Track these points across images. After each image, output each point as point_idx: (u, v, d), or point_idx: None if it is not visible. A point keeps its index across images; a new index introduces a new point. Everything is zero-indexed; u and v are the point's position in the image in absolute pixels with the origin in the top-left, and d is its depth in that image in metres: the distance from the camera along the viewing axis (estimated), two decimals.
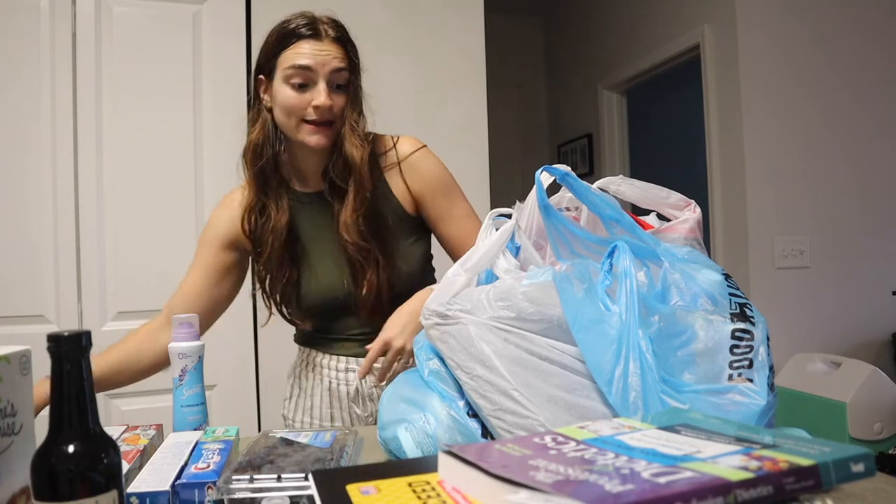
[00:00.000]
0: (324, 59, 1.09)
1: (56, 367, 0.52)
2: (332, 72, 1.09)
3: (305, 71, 1.08)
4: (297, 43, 1.10)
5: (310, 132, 1.11)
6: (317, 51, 1.09)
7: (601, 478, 0.46)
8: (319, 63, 1.09)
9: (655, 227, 0.90)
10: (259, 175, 1.16)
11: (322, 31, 1.11)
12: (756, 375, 0.68)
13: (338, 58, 1.10)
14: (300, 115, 1.10)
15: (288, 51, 1.11)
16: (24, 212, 1.96)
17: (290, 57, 1.10)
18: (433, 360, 0.81)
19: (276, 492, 0.64)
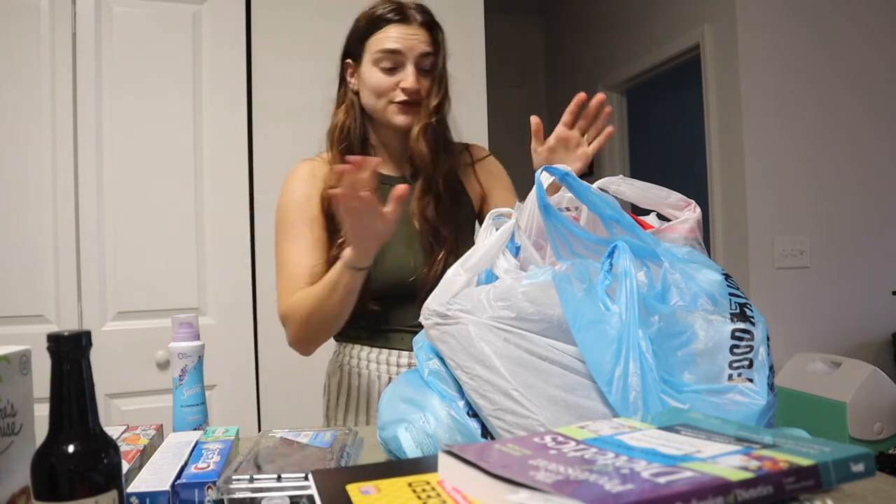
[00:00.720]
0: (412, 43, 1.15)
1: (56, 366, 0.52)
2: (419, 55, 1.15)
3: (394, 55, 1.14)
4: (387, 27, 1.15)
5: (397, 112, 1.16)
6: (405, 35, 1.15)
7: (601, 478, 0.46)
8: (408, 47, 1.14)
9: (655, 227, 0.90)
10: (344, 155, 1.17)
11: (410, 16, 1.16)
12: (756, 375, 0.68)
13: (425, 42, 1.16)
14: (389, 96, 1.16)
15: (377, 35, 1.16)
16: (24, 212, 1.96)
17: (380, 41, 1.15)
18: (433, 360, 0.81)
19: (276, 492, 0.64)
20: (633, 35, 3.35)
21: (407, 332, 1.21)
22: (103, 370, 1.55)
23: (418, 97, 1.15)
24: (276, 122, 2.18)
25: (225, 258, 2.11)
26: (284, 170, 2.17)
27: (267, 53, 2.17)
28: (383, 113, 1.17)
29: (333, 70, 2.28)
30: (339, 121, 1.21)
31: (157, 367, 2.02)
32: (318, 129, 2.22)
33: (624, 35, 3.44)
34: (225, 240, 2.11)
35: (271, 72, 2.17)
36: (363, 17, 1.19)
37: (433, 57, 1.17)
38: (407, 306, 1.19)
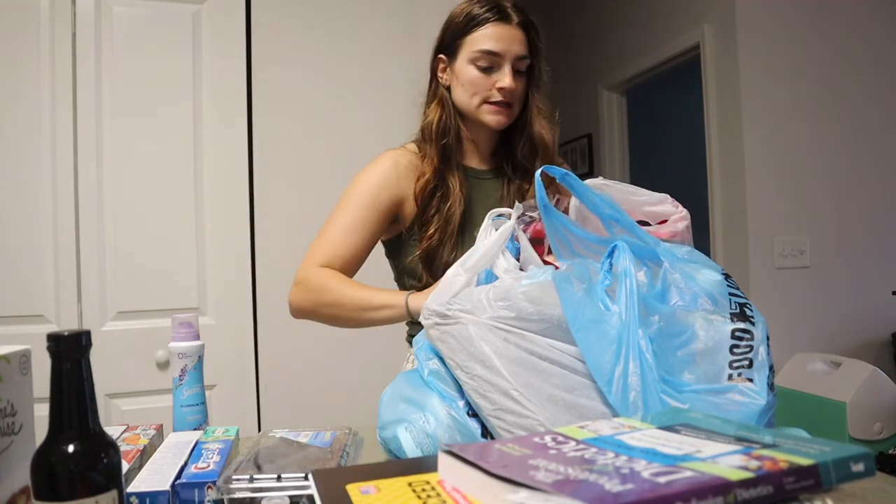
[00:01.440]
0: (510, 44, 1.15)
1: (56, 366, 0.52)
2: (517, 57, 1.15)
3: (492, 55, 1.14)
4: (486, 26, 1.15)
5: (491, 112, 1.17)
6: (504, 34, 1.14)
7: (601, 477, 0.46)
8: (506, 47, 1.14)
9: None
10: (443, 152, 1.19)
11: (509, 15, 1.16)
12: (756, 375, 0.68)
13: (523, 43, 1.16)
14: (484, 95, 1.16)
15: (475, 33, 1.16)
16: (23, 212, 1.96)
17: (478, 39, 1.15)
18: (433, 361, 0.81)
19: (275, 491, 0.64)
20: (633, 35, 3.35)
21: None
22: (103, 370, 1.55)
23: (512, 98, 1.16)
24: (276, 122, 2.18)
25: (225, 258, 2.11)
26: (284, 169, 2.18)
27: (267, 53, 2.17)
28: (476, 111, 1.18)
29: (333, 68, 2.29)
30: (435, 117, 1.21)
31: (157, 366, 2.02)
32: (319, 128, 2.23)
33: (624, 35, 3.44)
34: (225, 240, 2.11)
35: (271, 71, 2.17)
36: (460, 14, 1.18)
37: (529, 59, 1.17)
38: None
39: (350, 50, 2.26)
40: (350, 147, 2.23)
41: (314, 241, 1.20)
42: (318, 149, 2.22)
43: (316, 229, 1.19)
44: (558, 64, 4.21)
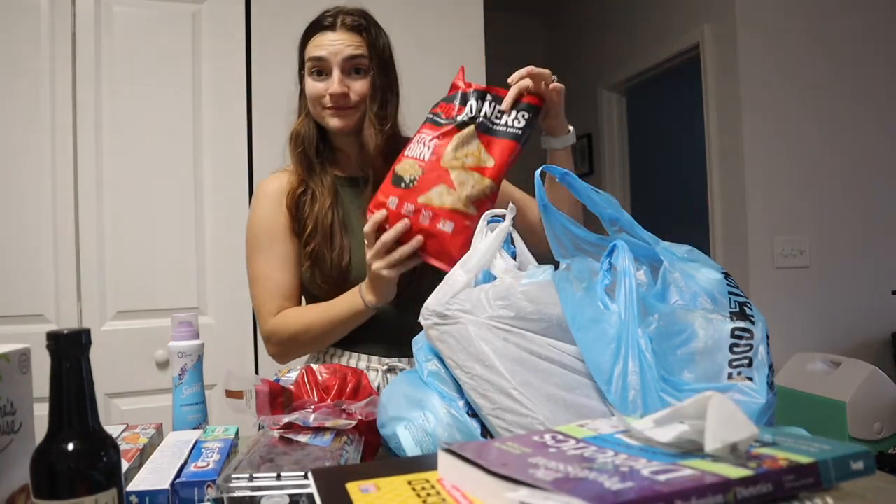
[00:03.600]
0: (336, 49, 1.16)
1: (55, 365, 0.52)
2: (344, 59, 1.16)
3: (320, 61, 1.16)
4: (315, 35, 1.18)
5: (330, 115, 1.18)
6: (330, 41, 1.16)
7: (601, 475, 0.46)
8: (332, 52, 1.16)
9: None
10: (302, 158, 1.23)
11: (338, 22, 1.17)
12: (756, 374, 0.67)
13: (351, 45, 1.16)
14: (321, 102, 1.18)
15: (309, 44, 1.19)
16: (23, 211, 1.96)
17: (310, 49, 1.18)
18: (432, 362, 0.81)
19: (275, 490, 0.64)
20: (633, 35, 3.35)
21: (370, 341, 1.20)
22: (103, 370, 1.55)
23: (345, 101, 1.16)
24: (276, 122, 2.17)
25: (225, 258, 2.11)
26: None
27: (266, 53, 2.17)
28: (321, 119, 1.20)
29: None
30: (295, 129, 1.25)
31: (157, 366, 2.02)
32: None
33: (624, 35, 3.44)
34: (225, 239, 2.11)
35: (271, 71, 2.17)
36: (303, 31, 1.22)
37: (365, 59, 1.17)
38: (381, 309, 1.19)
39: None
40: None
41: (254, 296, 1.23)
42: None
43: None
44: (558, 64, 4.22)
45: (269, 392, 0.84)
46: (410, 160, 1.04)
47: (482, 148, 1.01)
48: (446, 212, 0.99)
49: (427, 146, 1.04)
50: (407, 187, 1.02)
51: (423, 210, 1.00)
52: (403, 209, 1.02)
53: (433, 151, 1.02)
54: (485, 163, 1.00)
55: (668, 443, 0.51)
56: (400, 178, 1.04)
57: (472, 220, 0.97)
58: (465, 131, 1.02)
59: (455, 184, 0.99)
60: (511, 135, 1.02)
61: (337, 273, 1.18)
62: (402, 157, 1.06)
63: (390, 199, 1.04)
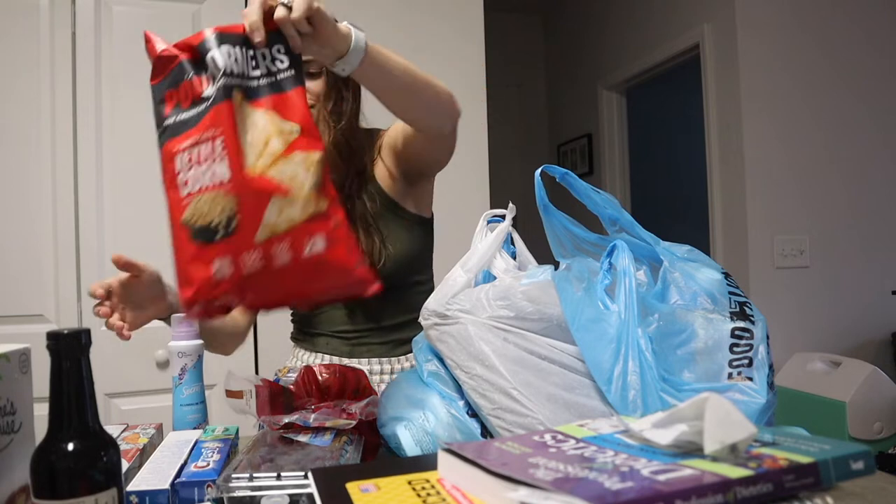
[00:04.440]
0: None
1: (56, 365, 0.52)
2: None
3: None
4: None
5: None
6: None
7: (601, 475, 0.46)
8: None
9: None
10: None
11: None
12: (756, 374, 0.68)
13: None
14: None
15: None
16: (24, 211, 1.96)
17: None
18: (431, 362, 0.81)
19: (275, 490, 0.64)
20: (633, 35, 3.35)
21: (331, 337, 1.21)
22: (103, 369, 1.55)
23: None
24: None
25: None
26: None
27: None
28: None
29: None
30: None
31: (157, 366, 2.02)
32: None
33: (624, 35, 3.44)
34: None
35: None
36: None
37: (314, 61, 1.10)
38: (330, 310, 1.20)
39: None
40: None
41: None
42: None
43: None
44: (558, 64, 4.22)
45: (269, 392, 0.84)
46: (203, 195, 0.70)
47: (272, 116, 0.72)
48: (304, 227, 0.69)
49: (209, 162, 0.71)
50: (228, 235, 0.68)
51: (273, 248, 0.68)
52: (247, 268, 0.68)
53: (227, 164, 0.70)
54: (291, 133, 0.71)
55: (667, 444, 0.51)
56: (205, 228, 0.69)
57: (334, 217, 0.70)
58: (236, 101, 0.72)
59: (285, 185, 0.69)
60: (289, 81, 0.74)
61: None
62: (180, 201, 0.73)
63: (215, 267, 0.68)
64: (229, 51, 0.76)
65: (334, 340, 1.20)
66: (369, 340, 1.19)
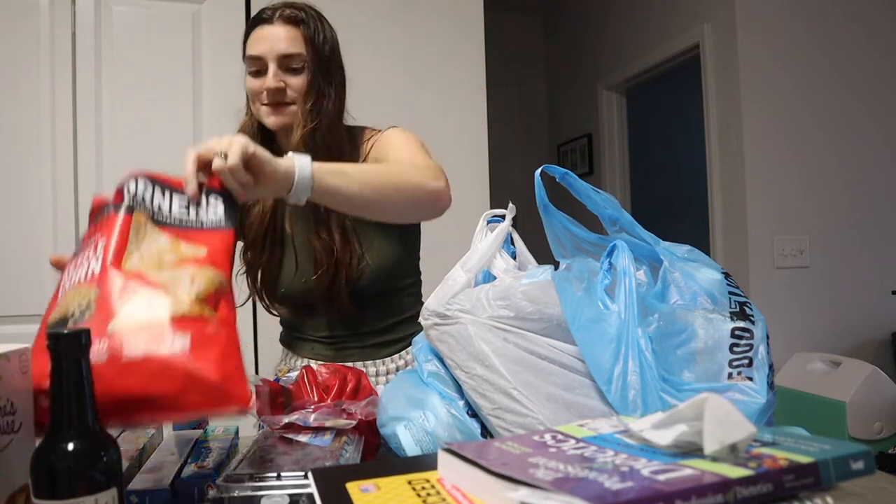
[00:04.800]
0: (271, 44, 1.09)
1: (55, 364, 0.52)
2: (280, 55, 1.09)
3: (256, 58, 1.11)
4: (253, 30, 1.13)
5: (267, 113, 1.12)
6: (265, 36, 1.10)
7: (601, 475, 0.46)
8: (267, 48, 1.10)
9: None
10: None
11: (276, 15, 1.11)
12: (756, 374, 0.68)
13: (286, 40, 1.10)
14: (259, 99, 1.12)
15: (248, 39, 1.14)
16: (24, 211, 1.96)
17: (248, 45, 1.14)
18: (431, 362, 0.81)
19: (275, 490, 0.64)
20: (633, 35, 3.35)
21: (317, 342, 1.20)
22: None
23: (282, 97, 1.10)
24: None
25: None
26: None
27: None
28: (259, 116, 1.14)
29: None
30: (241, 128, 1.21)
31: None
32: None
33: (624, 35, 3.44)
34: None
35: None
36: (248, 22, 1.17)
37: (298, 56, 1.10)
38: (310, 315, 1.19)
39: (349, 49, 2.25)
40: None
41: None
42: None
43: None
44: (558, 64, 4.22)
45: (269, 392, 0.84)
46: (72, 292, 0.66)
47: (178, 241, 0.71)
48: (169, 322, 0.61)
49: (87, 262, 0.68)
50: (79, 322, 0.62)
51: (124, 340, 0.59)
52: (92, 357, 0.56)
53: (101, 260, 0.67)
54: (194, 254, 0.69)
55: (667, 445, 0.51)
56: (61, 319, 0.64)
57: (213, 324, 0.63)
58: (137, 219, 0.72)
59: (160, 283, 0.64)
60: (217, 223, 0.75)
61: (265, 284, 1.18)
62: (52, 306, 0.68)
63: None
64: (146, 183, 0.76)
65: (318, 345, 1.20)
66: (352, 344, 1.18)
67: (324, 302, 1.12)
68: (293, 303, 1.20)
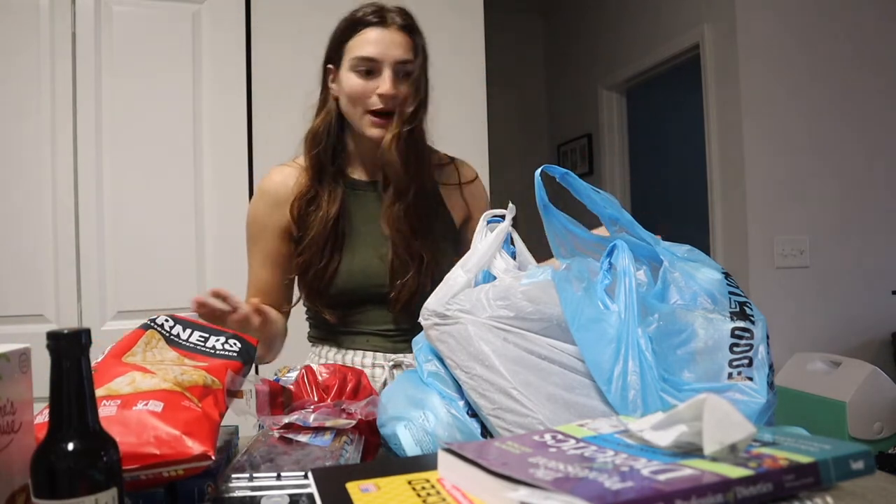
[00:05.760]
0: (389, 49, 1.11)
1: (56, 365, 0.52)
2: (396, 61, 1.11)
3: (370, 60, 1.11)
4: (364, 31, 1.13)
5: (371, 125, 1.13)
6: (382, 40, 1.11)
7: (601, 475, 0.46)
8: (384, 52, 1.11)
9: None
10: (315, 162, 1.18)
11: (389, 19, 1.13)
12: (756, 374, 0.67)
13: (403, 47, 1.12)
14: (365, 104, 1.13)
15: (355, 39, 1.13)
16: (23, 211, 1.96)
17: (357, 46, 1.12)
18: (431, 363, 0.81)
19: (275, 490, 0.64)
20: (633, 35, 3.35)
21: (374, 335, 1.21)
22: None
23: (393, 104, 1.12)
24: (276, 122, 2.18)
25: (225, 257, 2.11)
26: None
27: (266, 53, 2.17)
28: (359, 122, 1.14)
29: None
30: (314, 127, 1.19)
31: None
32: None
33: (624, 35, 3.44)
34: (225, 239, 2.11)
35: (271, 71, 2.17)
36: (343, 21, 1.16)
37: (411, 63, 1.13)
38: (376, 310, 1.20)
39: None
40: None
41: None
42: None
43: None
44: (558, 64, 4.22)
45: (269, 392, 0.84)
46: None
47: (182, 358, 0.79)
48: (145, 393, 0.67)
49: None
50: None
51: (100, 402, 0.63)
52: None
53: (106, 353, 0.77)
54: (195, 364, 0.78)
55: (667, 446, 0.51)
56: None
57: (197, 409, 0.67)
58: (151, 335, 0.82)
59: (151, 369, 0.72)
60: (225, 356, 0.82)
61: (318, 285, 1.18)
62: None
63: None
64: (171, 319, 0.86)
65: (375, 338, 1.21)
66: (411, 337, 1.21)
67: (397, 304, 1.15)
68: (348, 302, 1.20)
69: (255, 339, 0.88)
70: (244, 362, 0.83)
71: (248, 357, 0.84)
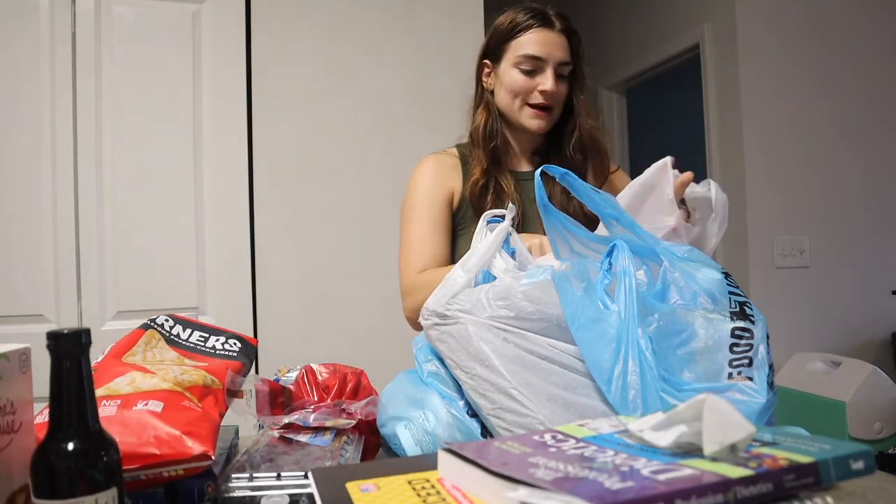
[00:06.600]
0: (553, 49, 1.21)
1: (56, 364, 0.52)
2: (559, 62, 1.21)
3: (536, 59, 1.20)
4: (531, 30, 1.22)
5: (532, 116, 1.23)
6: (547, 40, 1.21)
7: (601, 475, 0.46)
8: (548, 52, 1.20)
9: None
10: (492, 154, 1.25)
11: (553, 22, 1.23)
12: (756, 374, 0.67)
13: (565, 49, 1.22)
14: (526, 98, 1.22)
15: (520, 38, 1.22)
16: (23, 211, 1.96)
17: (522, 44, 1.22)
18: (431, 363, 0.81)
19: (275, 490, 0.64)
20: (633, 35, 3.35)
21: None
22: None
23: (553, 101, 1.21)
24: (276, 122, 2.18)
25: (225, 258, 2.11)
26: (285, 169, 2.18)
27: (266, 53, 2.17)
28: (518, 114, 1.23)
29: (333, 69, 2.29)
30: (482, 121, 1.27)
31: None
32: (319, 128, 2.23)
33: (624, 35, 3.44)
34: (225, 239, 2.11)
35: (271, 72, 2.17)
36: (505, 21, 1.26)
37: (570, 65, 1.23)
38: None
39: (350, 50, 2.26)
40: (349, 147, 2.23)
41: (401, 256, 1.27)
42: (318, 148, 2.22)
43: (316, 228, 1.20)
44: None
45: (269, 392, 0.84)
46: None
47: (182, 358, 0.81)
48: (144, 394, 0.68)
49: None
50: None
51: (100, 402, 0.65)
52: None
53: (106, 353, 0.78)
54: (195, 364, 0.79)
55: (667, 446, 0.51)
56: None
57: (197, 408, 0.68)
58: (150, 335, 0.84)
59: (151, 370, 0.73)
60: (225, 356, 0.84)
61: None
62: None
63: None
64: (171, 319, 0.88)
65: None
66: None
67: None
68: None
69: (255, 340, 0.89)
70: (244, 362, 0.85)
71: (248, 357, 0.86)
